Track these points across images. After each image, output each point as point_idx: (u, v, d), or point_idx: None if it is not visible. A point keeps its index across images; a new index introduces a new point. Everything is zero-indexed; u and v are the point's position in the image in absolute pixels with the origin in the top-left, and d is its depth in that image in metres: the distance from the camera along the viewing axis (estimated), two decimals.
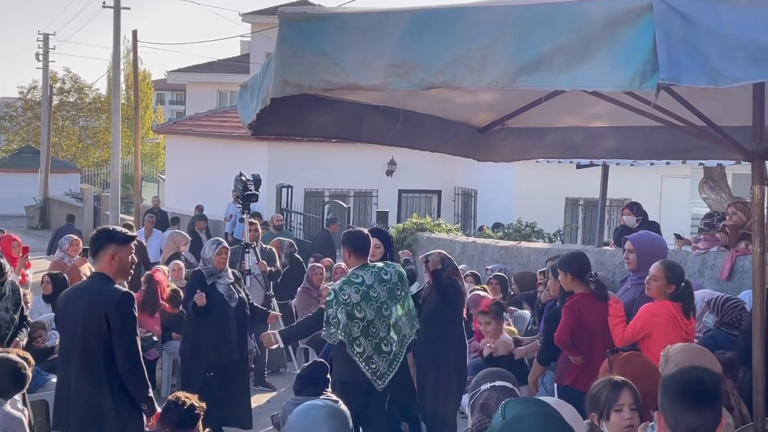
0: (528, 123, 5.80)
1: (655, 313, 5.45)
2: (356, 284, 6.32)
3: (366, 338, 6.21)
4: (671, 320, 5.40)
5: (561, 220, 18.74)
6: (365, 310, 6.26)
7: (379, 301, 6.33)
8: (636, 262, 6.29)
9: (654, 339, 5.31)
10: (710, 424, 2.85)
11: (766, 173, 4.23)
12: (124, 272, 5.21)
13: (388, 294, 6.40)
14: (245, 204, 9.69)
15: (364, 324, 6.18)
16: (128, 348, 5.00)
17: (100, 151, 43.47)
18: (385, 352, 6.23)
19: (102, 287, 5.07)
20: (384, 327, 6.34)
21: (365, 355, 6.17)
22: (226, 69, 36.71)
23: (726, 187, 12.36)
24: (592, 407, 3.90)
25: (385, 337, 6.31)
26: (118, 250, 5.11)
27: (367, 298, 6.29)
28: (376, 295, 6.33)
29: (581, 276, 6.01)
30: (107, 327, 4.94)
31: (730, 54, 2.59)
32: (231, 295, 7.57)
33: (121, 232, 5.22)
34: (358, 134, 5.30)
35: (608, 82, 2.69)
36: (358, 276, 6.37)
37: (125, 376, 4.99)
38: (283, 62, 3.28)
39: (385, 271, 6.47)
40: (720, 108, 4.79)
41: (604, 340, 5.68)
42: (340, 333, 6.10)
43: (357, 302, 6.23)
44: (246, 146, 20.26)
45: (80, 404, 5.02)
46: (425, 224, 15.03)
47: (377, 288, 6.36)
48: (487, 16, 2.96)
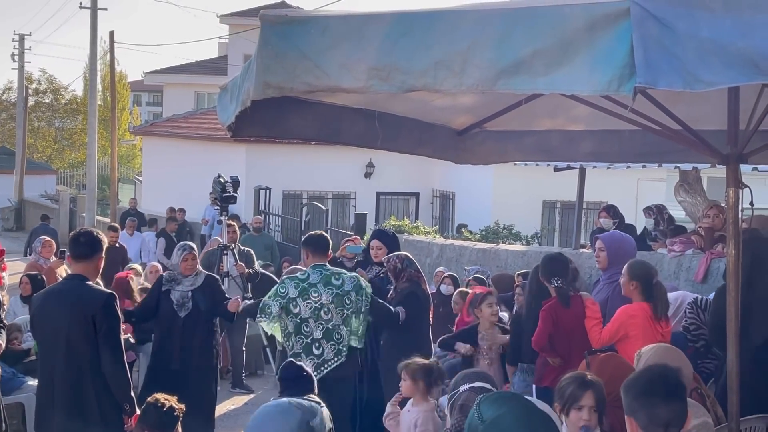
0: (506, 126, 5.85)
1: (631, 314, 5.50)
2: (298, 280, 6.37)
3: (296, 335, 6.24)
4: (648, 322, 5.44)
5: (538, 222, 18.83)
6: (300, 307, 6.27)
7: (318, 302, 6.31)
8: (606, 260, 6.34)
9: (631, 340, 5.35)
10: (681, 416, 2.91)
11: (741, 176, 4.29)
12: (97, 275, 5.36)
13: (333, 298, 6.35)
14: (223, 206, 9.65)
15: (297, 320, 6.21)
16: (115, 348, 5.05)
17: (76, 153, 43.19)
18: (314, 355, 6.15)
19: (85, 289, 5.11)
20: (319, 329, 6.30)
21: (293, 351, 6.21)
22: (204, 70, 36.57)
23: (701, 191, 12.43)
24: (557, 398, 3.98)
25: (318, 340, 6.28)
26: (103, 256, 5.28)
27: (305, 295, 6.30)
28: (317, 295, 6.31)
29: (548, 279, 6.05)
30: (93, 328, 4.97)
31: (706, 58, 2.63)
32: (183, 304, 7.20)
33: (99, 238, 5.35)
34: (337, 137, 5.33)
35: (586, 85, 2.73)
36: (305, 273, 6.44)
37: (111, 376, 5.03)
38: (265, 64, 3.29)
39: (337, 277, 6.45)
40: (696, 112, 4.85)
41: (581, 341, 5.73)
42: (268, 322, 6.21)
43: (293, 297, 6.27)
44: (224, 148, 20.21)
45: (64, 406, 5.04)
46: (403, 226, 15.06)
47: (320, 289, 6.34)
48: (468, 19, 2.99)
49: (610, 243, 6.44)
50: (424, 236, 14.55)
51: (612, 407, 4.19)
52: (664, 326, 5.52)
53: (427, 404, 5.21)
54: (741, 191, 4.25)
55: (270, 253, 14.72)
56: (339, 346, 6.36)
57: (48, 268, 10.10)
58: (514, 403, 2.79)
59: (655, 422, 2.89)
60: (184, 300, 7.23)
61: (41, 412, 5.19)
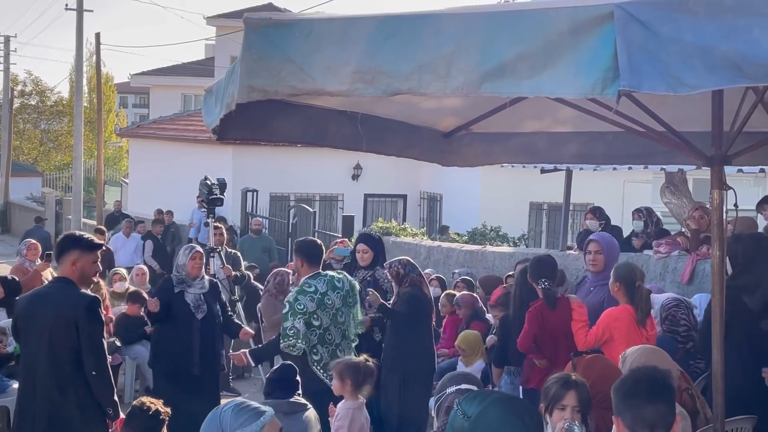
0: (492, 128, 5.85)
1: (616, 317, 5.52)
2: (310, 293, 6.35)
3: (323, 345, 6.27)
4: (632, 324, 5.46)
5: (525, 224, 18.87)
6: (321, 318, 6.32)
7: (334, 308, 6.40)
8: (603, 262, 6.34)
9: (616, 343, 5.37)
10: (666, 418, 2.92)
11: (725, 178, 4.32)
12: (86, 280, 5.19)
13: (342, 301, 6.48)
14: (210, 208, 9.63)
15: (320, 332, 6.25)
16: (98, 352, 5.02)
17: (62, 155, 43.01)
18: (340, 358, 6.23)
19: (69, 292, 5.07)
20: (339, 334, 6.43)
21: (323, 362, 6.22)
22: (191, 72, 36.47)
23: (687, 192, 12.50)
24: (542, 398, 4.00)
25: (340, 344, 6.39)
26: (81, 257, 5.11)
27: (322, 305, 6.35)
28: (331, 302, 6.39)
29: (535, 281, 6.06)
30: (76, 332, 4.94)
31: (689, 62, 2.65)
32: (198, 306, 7.14)
33: (87, 238, 5.22)
34: (323, 139, 5.31)
35: (570, 88, 2.73)
36: (311, 285, 6.41)
37: (93, 380, 5.00)
38: (249, 68, 3.28)
39: (338, 279, 6.56)
40: (681, 114, 4.87)
41: (567, 343, 5.74)
42: (300, 342, 6.13)
43: (313, 310, 6.29)
44: (210, 150, 20.16)
45: (46, 411, 5.00)
46: (391, 228, 15.07)
47: (331, 295, 6.42)
48: (452, 23, 3.00)
49: (606, 244, 6.45)
50: (412, 238, 14.56)
51: (597, 408, 4.21)
52: (649, 330, 5.53)
53: (354, 402, 5.26)
54: (725, 193, 4.28)
55: (268, 255, 14.71)
56: (351, 344, 6.55)
57: (33, 271, 10.04)
58: (495, 396, 2.88)
59: (640, 423, 2.91)
60: (199, 302, 7.15)
61: (22, 417, 5.14)
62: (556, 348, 5.89)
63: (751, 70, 2.62)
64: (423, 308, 7.23)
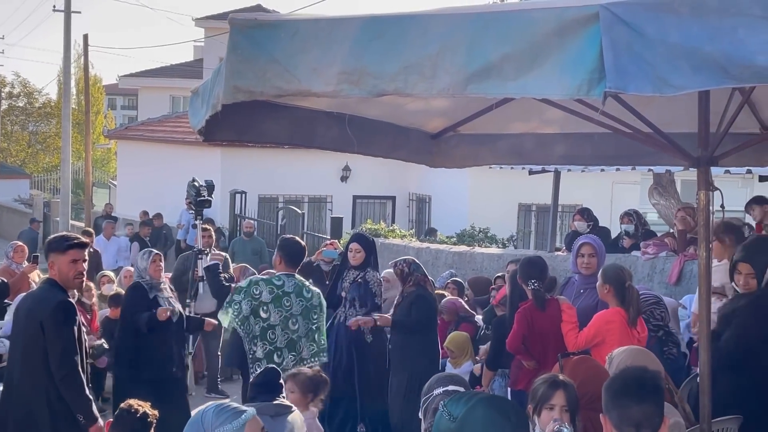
0: (480, 129, 5.85)
1: (609, 320, 5.51)
2: (273, 285, 6.40)
3: (261, 341, 6.24)
4: (624, 327, 5.45)
5: (514, 225, 18.89)
6: (271, 313, 6.32)
7: (289, 311, 6.39)
8: (597, 265, 6.32)
9: (607, 346, 5.34)
10: (652, 418, 2.93)
11: (712, 179, 4.33)
12: (67, 281, 5.13)
13: (302, 310, 6.48)
14: (198, 210, 9.58)
15: (264, 325, 6.23)
16: (61, 356, 4.92)
17: (50, 157, 42.82)
18: (275, 363, 6.14)
19: (45, 295, 5.07)
20: (284, 338, 6.37)
21: (254, 356, 6.21)
22: (179, 74, 36.35)
23: (675, 193, 12.55)
24: (530, 399, 4.01)
25: (281, 349, 6.32)
26: (56, 258, 5.09)
27: (277, 302, 6.36)
28: (289, 304, 6.40)
29: (524, 282, 6.06)
30: (42, 334, 4.90)
31: (675, 62, 2.65)
32: (172, 310, 7.11)
33: (60, 239, 5.20)
34: (311, 141, 5.30)
35: (556, 89, 2.73)
36: (280, 279, 6.47)
37: (60, 384, 4.92)
38: (234, 69, 3.27)
39: (308, 290, 6.59)
40: (668, 115, 4.88)
41: (556, 344, 5.74)
42: (236, 321, 6.18)
43: (266, 302, 6.32)
44: (199, 152, 20.12)
45: (19, 411, 4.98)
46: (379, 230, 15.06)
47: (292, 298, 6.44)
48: (438, 24, 2.99)
49: (599, 248, 6.45)
50: (401, 240, 14.56)
51: (585, 409, 4.21)
52: (640, 331, 5.53)
53: (307, 413, 5.25)
54: (712, 194, 4.29)
55: (259, 257, 14.67)
56: (298, 357, 6.42)
57: (20, 273, 10.01)
58: (480, 395, 2.91)
59: (626, 422, 2.92)
60: (171, 306, 7.12)
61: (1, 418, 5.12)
62: (545, 349, 5.89)
63: (736, 70, 2.62)
64: (429, 307, 7.29)
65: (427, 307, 7.24)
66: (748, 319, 5.31)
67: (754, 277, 5.29)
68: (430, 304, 7.28)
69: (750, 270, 5.29)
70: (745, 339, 5.25)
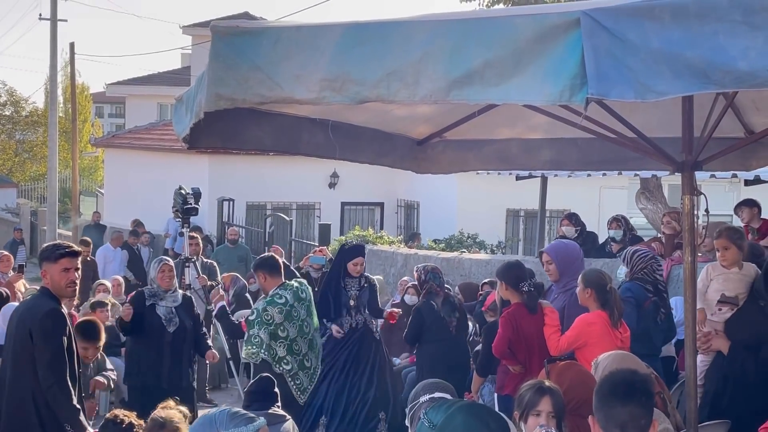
0: (466, 135, 5.86)
1: (590, 322, 5.52)
2: (280, 305, 6.60)
3: (291, 356, 6.37)
4: (606, 329, 5.46)
5: (502, 231, 18.89)
6: (288, 330, 6.58)
7: (300, 319, 6.69)
8: (557, 271, 6.36)
9: (590, 348, 5.37)
10: (639, 420, 2.93)
11: (696, 184, 4.33)
12: (59, 289, 5.10)
13: (307, 311, 6.78)
14: (185, 218, 9.57)
15: (287, 343, 6.38)
16: (48, 365, 4.89)
17: (38, 165, 42.60)
18: (307, 368, 6.44)
19: (36, 302, 5.09)
20: (305, 344, 6.67)
21: (292, 371, 6.32)
22: (167, 81, 36.23)
23: (662, 197, 12.58)
24: (516, 406, 4.00)
25: (306, 354, 6.58)
26: (48, 267, 5.07)
27: (290, 317, 6.61)
28: (297, 314, 6.67)
29: (515, 285, 6.04)
30: (31, 342, 4.89)
31: (656, 68, 2.65)
32: (170, 320, 7.00)
33: (51, 248, 5.18)
34: (296, 148, 5.29)
35: (538, 96, 2.73)
36: (281, 296, 6.66)
37: (46, 393, 4.89)
38: (216, 76, 3.26)
39: (301, 290, 6.82)
40: (654, 119, 4.90)
41: (542, 349, 5.74)
42: (262, 352, 6.24)
43: (280, 322, 6.54)
44: (186, 159, 20.07)
45: (8, 418, 4.95)
46: (367, 236, 15.05)
47: (297, 306, 6.72)
48: (420, 30, 2.99)
49: (555, 254, 6.47)
50: (389, 246, 14.55)
51: (572, 415, 4.20)
52: (622, 332, 5.54)
53: None
54: (696, 198, 4.30)
55: (244, 265, 14.63)
56: (317, 351, 6.79)
57: (6, 283, 9.96)
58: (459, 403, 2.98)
59: (612, 423, 2.93)
60: (170, 315, 7.01)
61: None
62: (530, 353, 5.89)
63: (717, 76, 2.63)
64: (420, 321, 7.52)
65: (416, 319, 7.54)
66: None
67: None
68: (420, 317, 7.51)
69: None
70: None
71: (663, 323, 6.24)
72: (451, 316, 7.60)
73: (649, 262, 6.32)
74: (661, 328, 6.22)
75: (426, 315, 7.50)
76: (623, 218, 9.70)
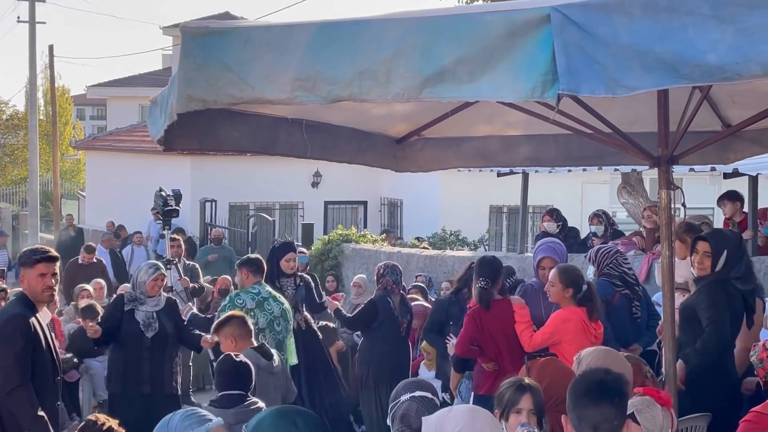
0: (444, 133, 5.85)
1: (565, 319, 5.51)
2: (252, 293, 6.84)
3: None
4: (581, 326, 5.46)
5: (485, 227, 18.92)
6: (258, 318, 6.69)
7: (272, 314, 6.80)
8: None
9: (565, 345, 5.36)
10: (612, 420, 2.93)
11: (673, 178, 4.34)
12: (36, 294, 5.05)
13: (282, 313, 6.88)
14: (166, 220, 9.50)
15: (255, 330, 6.29)
16: (6, 372, 4.83)
17: (19, 169, 42.31)
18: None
19: (5, 309, 5.07)
20: (273, 341, 6.67)
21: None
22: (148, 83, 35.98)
23: (643, 192, 12.61)
24: (496, 404, 3.99)
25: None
26: (25, 272, 5.04)
27: (261, 306, 6.78)
28: (270, 308, 6.81)
29: (476, 281, 6.01)
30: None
31: (626, 63, 2.65)
32: (149, 324, 6.81)
33: (30, 253, 5.13)
34: (274, 148, 5.26)
35: (510, 92, 2.73)
36: (255, 288, 6.89)
37: (6, 399, 4.83)
38: (187, 77, 3.24)
39: (277, 297, 7.02)
40: (631, 114, 4.90)
41: (509, 345, 5.75)
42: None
43: (252, 308, 6.69)
44: (168, 161, 19.97)
45: None
46: (351, 235, 15.03)
47: (271, 303, 6.87)
48: (391, 29, 2.98)
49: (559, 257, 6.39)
50: (372, 245, 14.54)
51: (552, 411, 4.20)
52: (596, 327, 5.53)
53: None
54: (673, 193, 4.30)
55: (228, 265, 14.57)
56: (285, 356, 6.72)
57: None
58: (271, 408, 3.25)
59: (584, 423, 2.94)
60: (150, 320, 6.83)
61: None
62: (499, 350, 5.88)
63: (687, 70, 2.63)
64: (371, 312, 7.47)
65: (368, 309, 7.54)
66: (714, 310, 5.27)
67: (709, 256, 5.30)
68: (374, 309, 7.47)
69: (707, 248, 5.31)
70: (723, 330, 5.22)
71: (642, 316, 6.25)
72: (404, 317, 7.53)
73: (614, 257, 6.33)
74: (638, 322, 6.22)
75: (381, 309, 7.39)
76: (604, 213, 9.73)
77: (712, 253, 5.27)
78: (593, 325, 5.51)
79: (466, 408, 3.61)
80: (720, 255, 5.24)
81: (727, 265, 5.23)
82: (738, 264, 5.26)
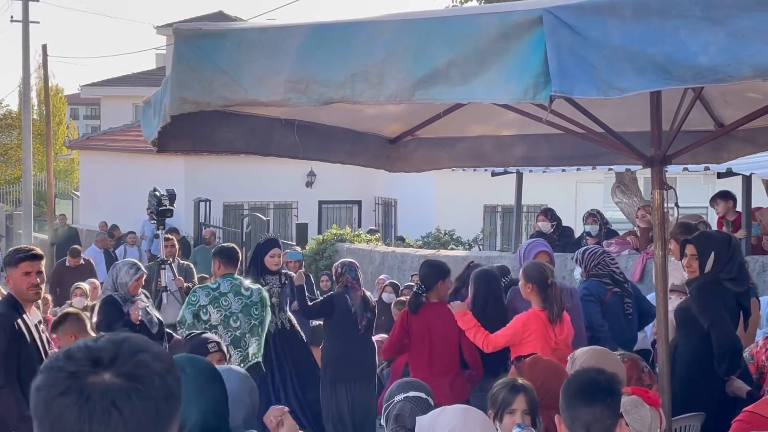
0: (438, 133, 5.84)
1: (525, 321, 5.51)
2: (209, 289, 6.82)
3: None
4: (543, 328, 5.44)
5: (480, 227, 18.94)
6: (211, 314, 6.67)
7: (228, 310, 6.72)
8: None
9: (524, 346, 5.35)
10: (603, 420, 2.94)
11: (665, 178, 4.35)
12: (21, 293, 5.05)
13: (242, 308, 6.77)
14: (160, 219, 9.48)
15: (206, 327, 6.41)
16: None
17: (12, 169, 42.23)
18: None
19: None
20: (228, 336, 6.63)
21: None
22: (142, 82, 35.95)
23: (637, 191, 12.64)
24: (490, 405, 3.99)
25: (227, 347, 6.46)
26: (11, 272, 5.05)
27: (215, 302, 6.71)
28: (227, 304, 6.73)
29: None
30: None
31: (619, 65, 2.66)
32: (150, 320, 6.78)
33: (14, 252, 5.17)
34: (268, 148, 5.25)
35: (503, 94, 2.73)
36: (216, 282, 6.85)
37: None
38: (180, 79, 3.23)
39: (246, 288, 6.88)
40: (624, 114, 4.90)
41: (433, 349, 5.97)
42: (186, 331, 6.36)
43: (204, 305, 6.68)
44: (162, 160, 19.95)
45: None
46: (345, 235, 15.03)
47: (230, 298, 6.77)
48: (384, 31, 2.98)
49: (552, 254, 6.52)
50: (366, 244, 14.54)
51: (545, 409, 4.21)
52: (558, 333, 5.50)
53: None
54: (666, 192, 4.31)
55: None
56: (244, 353, 6.72)
57: None
58: None
59: (577, 423, 2.95)
60: (149, 317, 6.77)
61: None
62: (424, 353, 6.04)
63: (678, 72, 2.64)
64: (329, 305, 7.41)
65: (326, 302, 7.52)
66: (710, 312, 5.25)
67: (696, 259, 5.30)
68: (331, 303, 7.41)
69: (693, 251, 5.31)
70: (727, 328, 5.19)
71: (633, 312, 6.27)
72: (363, 314, 7.43)
73: (601, 257, 6.35)
74: (630, 319, 6.24)
75: (337, 305, 7.33)
76: (598, 213, 9.75)
77: (699, 255, 5.26)
78: (556, 329, 5.49)
79: (459, 408, 3.60)
80: (707, 257, 5.22)
81: (716, 267, 5.22)
82: (728, 265, 5.23)
